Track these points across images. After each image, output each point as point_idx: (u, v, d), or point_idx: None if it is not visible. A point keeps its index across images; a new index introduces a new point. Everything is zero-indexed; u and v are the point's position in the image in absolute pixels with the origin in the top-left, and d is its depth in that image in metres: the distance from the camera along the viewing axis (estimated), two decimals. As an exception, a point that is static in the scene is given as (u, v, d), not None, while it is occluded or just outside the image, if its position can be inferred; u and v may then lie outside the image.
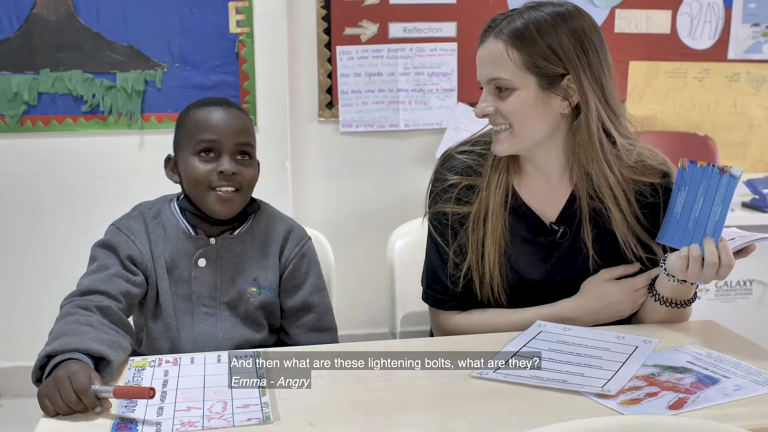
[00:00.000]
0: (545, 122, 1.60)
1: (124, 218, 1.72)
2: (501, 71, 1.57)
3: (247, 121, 1.68)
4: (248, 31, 3.16)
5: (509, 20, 1.58)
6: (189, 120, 1.67)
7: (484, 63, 1.61)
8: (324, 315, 1.76)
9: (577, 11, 1.60)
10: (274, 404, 1.28)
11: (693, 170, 1.57)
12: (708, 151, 3.60)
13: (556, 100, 1.58)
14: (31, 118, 3.11)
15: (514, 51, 1.56)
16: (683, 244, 1.55)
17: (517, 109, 1.58)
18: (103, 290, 1.54)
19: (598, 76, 1.58)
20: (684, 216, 1.57)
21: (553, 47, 1.55)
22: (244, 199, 1.68)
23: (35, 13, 3.05)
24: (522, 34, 1.56)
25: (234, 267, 1.69)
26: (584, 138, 1.59)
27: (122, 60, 3.12)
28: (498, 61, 1.57)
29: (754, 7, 3.59)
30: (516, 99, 1.58)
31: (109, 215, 1.76)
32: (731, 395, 1.30)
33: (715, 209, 1.52)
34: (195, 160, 1.64)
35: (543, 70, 1.56)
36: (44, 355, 1.33)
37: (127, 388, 1.30)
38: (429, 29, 3.38)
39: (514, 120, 1.59)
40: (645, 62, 3.60)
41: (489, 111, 1.60)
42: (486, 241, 1.66)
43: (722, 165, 1.52)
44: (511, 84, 1.57)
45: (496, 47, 1.57)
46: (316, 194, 3.41)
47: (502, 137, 1.62)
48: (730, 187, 1.51)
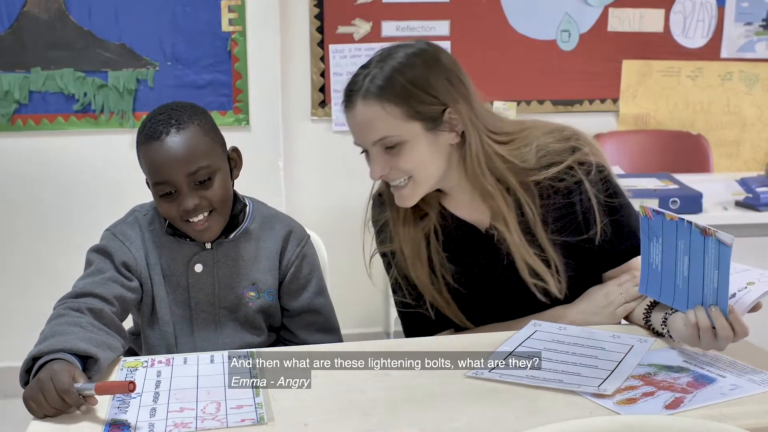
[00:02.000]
0: (441, 160, 1.58)
1: (119, 223, 1.70)
2: (385, 130, 1.53)
3: (195, 140, 1.57)
4: (241, 29, 3.15)
5: (371, 78, 1.53)
6: (140, 156, 1.61)
7: (361, 128, 1.55)
8: (330, 316, 1.75)
9: (428, 45, 1.59)
10: (268, 405, 1.27)
11: (662, 222, 1.41)
12: (701, 150, 3.61)
13: (444, 135, 1.56)
14: (23, 116, 3.10)
15: (391, 105, 1.51)
16: (677, 304, 1.43)
17: (414, 160, 1.55)
18: (97, 293, 1.53)
19: (467, 97, 1.57)
20: (667, 271, 1.42)
21: (425, 88, 1.52)
22: (223, 216, 1.63)
23: (26, 11, 3.03)
24: (391, 86, 1.51)
25: (231, 271, 1.67)
26: (475, 161, 1.57)
27: (114, 58, 3.10)
28: (377, 121, 1.52)
29: (746, 6, 3.60)
30: (409, 151, 1.54)
31: (102, 214, 1.75)
32: (728, 395, 1.29)
33: (710, 275, 1.34)
34: (160, 201, 1.60)
35: (424, 113, 1.53)
36: (30, 358, 1.32)
37: (108, 383, 1.29)
38: (422, 27, 3.37)
39: (414, 171, 1.56)
40: (638, 61, 3.60)
41: (386, 172, 1.57)
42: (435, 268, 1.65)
43: (703, 226, 1.32)
44: (399, 139, 1.53)
45: (371, 108, 1.52)
46: (309, 193, 3.40)
47: (405, 192, 1.59)
48: (723, 256, 1.30)
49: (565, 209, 1.63)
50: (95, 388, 1.24)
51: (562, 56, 3.55)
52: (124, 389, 1.24)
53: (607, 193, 1.63)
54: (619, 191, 1.65)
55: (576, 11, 3.52)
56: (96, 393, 1.24)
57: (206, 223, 1.60)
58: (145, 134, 1.60)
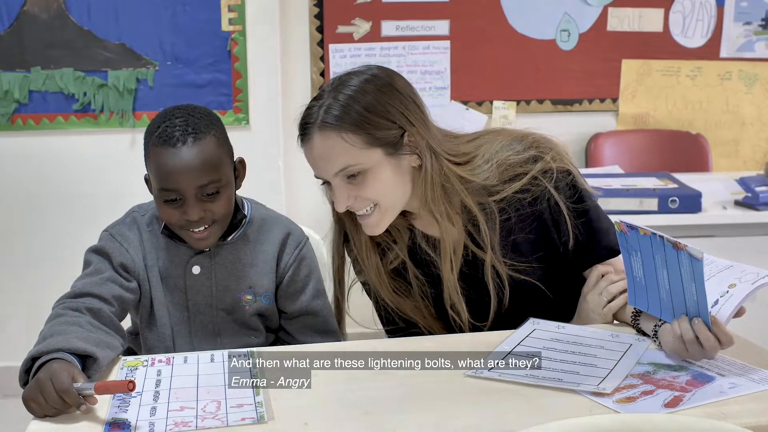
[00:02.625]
0: (405, 184, 1.57)
1: (117, 224, 1.70)
2: (346, 159, 1.50)
3: (210, 153, 1.56)
4: (240, 29, 3.15)
5: (326, 108, 1.50)
6: (150, 157, 1.58)
7: (321, 160, 1.52)
8: (328, 317, 1.74)
9: (380, 70, 1.57)
10: (269, 404, 1.28)
11: (637, 237, 1.40)
12: (700, 149, 3.61)
13: (406, 158, 1.55)
14: (22, 116, 3.10)
15: (349, 134, 1.49)
16: (664, 315, 1.44)
17: (378, 188, 1.53)
18: (96, 293, 1.53)
19: (422, 120, 1.55)
20: (651, 283, 1.43)
21: (381, 113, 1.51)
22: (222, 227, 1.63)
23: (26, 10, 3.04)
24: (348, 114, 1.49)
25: (229, 274, 1.67)
26: (428, 186, 1.56)
27: (114, 58, 3.10)
28: (338, 151, 1.50)
29: (746, 5, 3.60)
30: (373, 179, 1.52)
31: (101, 214, 1.75)
32: (727, 393, 1.30)
33: (689, 287, 1.35)
34: (162, 205, 1.58)
35: (383, 139, 1.51)
36: (29, 359, 1.32)
37: (108, 382, 1.29)
38: (422, 27, 3.37)
39: (379, 198, 1.54)
40: (637, 60, 3.60)
41: (351, 202, 1.55)
42: (413, 292, 1.66)
43: (674, 240, 1.34)
44: (362, 167, 1.50)
45: (329, 139, 1.50)
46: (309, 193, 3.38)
47: (371, 220, 1.57)
48: (696, 269, 1.31)
49: (534, 219, 1.62)
50: (95, 387, 1.24)
51: (562, 56, 3.55)
52: (123, 389, 1.24)
53: (574, 198, 1.61)
54: (586, 194, 1.63)
55: (575, 11, 3.52)
56: (96, 392, 1.24)
57: (205, 233, 1.60)
58: (159, 137, 1.55)
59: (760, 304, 2.72)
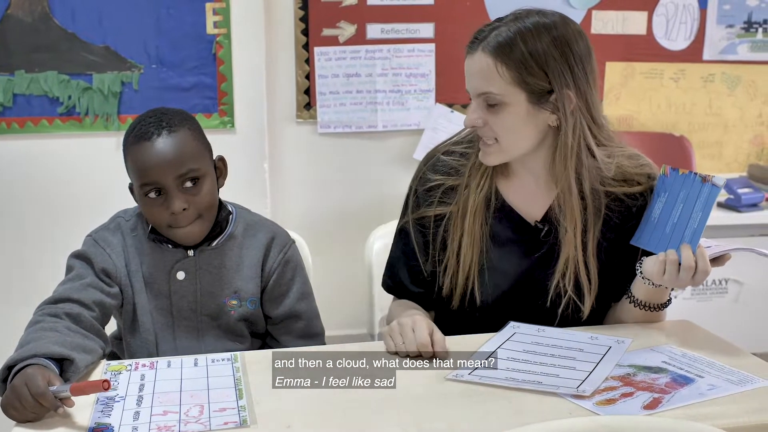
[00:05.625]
0: (533, 135, 1.61)
1: (101, 229, 1.70)
2: (491, 86, 1.56)
3: (185, 143, 1.58)
4: (225, 32, 3.15)
5: (497, 33, 1.56)
6: (128, 158, 1.61)
7: (473, 76, 1.60)
8: (312, 320, 1.75)
9: (562, 21, 1.59)
10: (251, 407, 1.28)
11: (674, 177, 1.61)
12: (684, 151, 3.63)
13: (545, 114, 1.58)
14: (6, 119, 3.08)
15: (503, 67, 1.55)
16: (660, 248, 1.56)
17: (507, 124, 1.58)
18: (76, 298, 1.53)
19: (583, 89, 1.58)
20: (662, 221, 1.59)
21: (541, 63, 1.54)
22: (209, 220, 1.64)
23: (10, 13, 3.02)
24: (510, 49, 1.54)
25: (213, 279, 1.67)
26: (562, 152, 1.59)
27: (98, 61, 3.09)
28: (487, 76, 1.56)
29: (728, 8, 3.62)
30: (507, 114, 1.57)
31: (86, 218, 1.75)
32: (706, 395, 1.31)
33: (695, 216, 1.54)
34: (145, 202, 1.59)
35: (531, 85, 1.55)
36: (5, 367, 1.32)
37: (83, 383, 1.28)
38: (407, 30, 3.37)
39: (503, 134, 1.59)
40: (621, 63, 3.61)
41: (479, 124, 1.60)
42: (463, 240, 1.66)
43: (704, 174, 1.54)
44: (501, 99, 1.56)
45: (486, 62, 1.56)
46: (294, 196, 3.40)
47: (491, 150, 1.62)
48: (711, 195, 1.54)
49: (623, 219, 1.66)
50: (70, 389, 1.25)
51: (546, 58, 3.55)
52: (98, 388, 1.24)
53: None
54: None
55: (559, 14, 3.53)
56: (72, 394, 1.25)
57: (191, 228, 1.60)
58: (134, 135, 1.59)
59: (741, 305, 2.74)
